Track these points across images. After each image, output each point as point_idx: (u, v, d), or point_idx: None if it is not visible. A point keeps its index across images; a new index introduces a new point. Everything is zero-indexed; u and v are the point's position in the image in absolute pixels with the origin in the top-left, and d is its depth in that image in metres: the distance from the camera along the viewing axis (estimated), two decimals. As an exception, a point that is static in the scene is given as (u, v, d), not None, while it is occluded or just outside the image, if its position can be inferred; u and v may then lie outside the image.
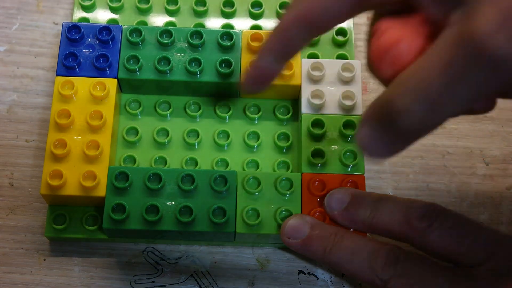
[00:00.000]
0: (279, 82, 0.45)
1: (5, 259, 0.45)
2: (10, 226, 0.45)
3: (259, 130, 0.46)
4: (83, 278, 0.44)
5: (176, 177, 0.42)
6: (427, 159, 0.48)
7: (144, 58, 0.45)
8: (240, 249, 0.45)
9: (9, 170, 0.47)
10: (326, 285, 0.44)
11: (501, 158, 0.48)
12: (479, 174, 0.48)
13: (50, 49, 0.50)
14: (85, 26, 0.45)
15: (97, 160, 0.43)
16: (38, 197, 0.46)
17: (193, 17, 0.49)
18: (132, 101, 0.46)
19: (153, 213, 0.42)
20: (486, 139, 0.49)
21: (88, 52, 0.45)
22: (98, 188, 0.42)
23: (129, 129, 0.46)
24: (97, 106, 0.44)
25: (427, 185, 0.47)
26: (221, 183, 0.43)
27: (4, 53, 0.50)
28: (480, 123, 0.49)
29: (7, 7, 0.51)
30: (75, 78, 0.44)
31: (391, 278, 0.39)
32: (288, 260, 0.45)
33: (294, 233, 0.41)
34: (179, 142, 0.46)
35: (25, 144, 0.47)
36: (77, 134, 0.43)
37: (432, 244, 0.39)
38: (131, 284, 0.44)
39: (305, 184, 0.43)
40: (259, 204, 0.42)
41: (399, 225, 0.40)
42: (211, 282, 0.44)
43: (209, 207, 0.42)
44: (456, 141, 0.49)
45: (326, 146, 0.44)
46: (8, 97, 0.49)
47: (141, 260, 0.45)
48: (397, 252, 0.39)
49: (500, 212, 0.47)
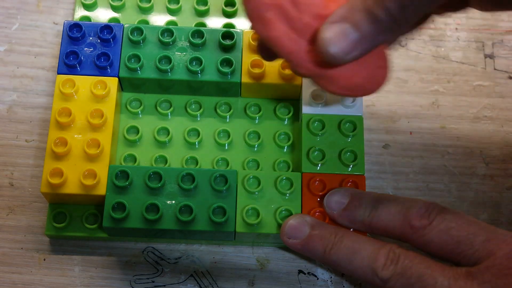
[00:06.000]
0: (280, 81, 0.45)
1: (5, 259, 0.45)
2: (10, 226, 0.45)
3: (259, 129, 0.46)
4: (83, 278, 0.44)
5: (177, 176, 0.42)
6: (427, 159, 0.48)
7: (145, 57, 0.45)
8: (240, 248, 0.45)
9: (9, 170, 0.47)
10: (326, 285, 0.44)
11: (501, 158, 0.48)
12: (479, 174, 0.48)
13: (50, 49, 0.50)
14: (87, 24, 0.45)
15: (97, 158, 0.43)
16: (38, 197, 0.46)
17: (194, 16, 0.49)
18: (133, 100, 0.46)
19: (153, 212, 0.42)
20: (486, 139, 0.49)
21: (89, 50, 0.45)
22: (98, 186, 0.42)
23: (130, 128, 0.46)
24: (98, 104, 0.44)
25: (427, 185, 0.47)
26: (221, 182, 0.43)
27: (4, 53, 0.50)
28: (480, 123, 0.49)
29: (7, 7, 0.51)
30: (76, 77, 0.44)
31: (391, 278, 0.39)
32: (288, 260, 0.45)
33: (294, 233, 0.41)
34: (180, 141, 0.46)
35: (25, 144, 0.47)
36: (77, 132, 0.43)
37: (432, 243, 0.39)
38: (131, 284, 0.44)
39: (305, 183, 0.43)
40: (259, 203, 0.42)
41: (399, 225, 0.40)
42: (211, 282, 0.44)
43: (209, 206, 0.42)
44: (456, 141, 0.49)
45: (327, 146, 0.44)
46: (8, 97, 0.49)
47: (141, 260, 0.45)
48: (397, 252, 0.39)
49: (500, 212, 0.47)
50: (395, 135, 0.49)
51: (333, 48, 0.33)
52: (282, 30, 0.35)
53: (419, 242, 0.40)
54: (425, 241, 0.39)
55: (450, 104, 0.50)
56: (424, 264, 0.39)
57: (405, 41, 0.52)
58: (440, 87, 0.50)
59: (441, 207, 0.40)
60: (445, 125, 0.49)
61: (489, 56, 0.51)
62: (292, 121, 0.47)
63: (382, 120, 0.49)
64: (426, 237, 0.39)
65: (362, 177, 0.43)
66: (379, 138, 0.49)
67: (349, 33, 0.33)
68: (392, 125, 0.49)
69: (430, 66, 0.51)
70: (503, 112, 0.50)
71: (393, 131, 0.49)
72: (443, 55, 0.51)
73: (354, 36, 0.33)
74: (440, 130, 0.49)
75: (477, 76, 0.51)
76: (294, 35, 0.35)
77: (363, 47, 0.34)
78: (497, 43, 0.52)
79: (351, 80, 0.36)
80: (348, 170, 0.43)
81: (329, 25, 0.34)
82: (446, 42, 0.52)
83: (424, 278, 0.38)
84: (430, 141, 0.49)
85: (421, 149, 0.48)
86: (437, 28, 0.52)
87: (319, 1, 0.35)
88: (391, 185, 0.47)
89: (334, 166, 0.43)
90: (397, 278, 0.39)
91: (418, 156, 0.48)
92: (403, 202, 0.40)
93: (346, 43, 0.33)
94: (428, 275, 0.38)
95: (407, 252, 0.39)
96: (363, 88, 0.37)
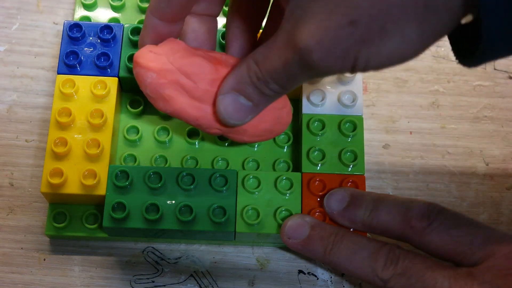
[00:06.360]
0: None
1: (5, 259, 0.45)
2: (10, 226, 0.45)
3: (259, 129, 0.46)
4: (83, 278, 0.44)
5: (177, 176, 0.42)
6: (427, 159, 0.48)
7: (145, 57, 0.45)
8: (240, 248, 0.45)
9: (9, 170, 0.47)
10: (326, 285, 0.44)
11: (501, 158, 0.48)
12: (479, 174, 0.48)
13: (50, 49, 0.50)
14: (87, 24, 0.45)
15: (97, 158, 0.43)
16: (38, 197, 0.46)
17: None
18: (133, 100, 0.46)
19: (153, 212, 0.42)
20: (486, 139, 0.49)
21: (90, 50, 0.45)
22: (98, 186, 0.42)
23: (130, 128, 0.46)
24: (98, 104, 0.44)
25: (427, 185, 0.47)
26: (221, 182, 0.43)
27: (4, 53, 0.50)
28: (480, 123, 0.49)
29: (7, 7, 0.51)
30: (76, 77, 0.44)
31: (391, 278, 0.39)
32: (288, 260, 0.45)
33: (294, 233, 0.41)
34: (180, 141, 0.46)
35: (25, 144, 0.47)
36: (78, 132, 0.43)
37: (432, 243, 0.39)
38: (131, 284, 0.44)
39: (305, 183, 0.43)
40: (259, 203, 0.42)
41: (399, 225, 0.40)
42: (211, 282, 0.44)
43: (209, 206, 0.42)
44: (456, 141, 0.49)
45: (326, 146, 0.44)
46: (8, 97, 0.49)
47: (141, 260, 0.45)
48: (397, 252, 0.39)
49: (500, 212, 0.47)
50: (395, 135, 0.49)
51: (231, 118, 0.37)
52: (185, 102, 0.37)
53: (419, 242, 0.40)
54: (425, 241, 0.40)
55: (450, 104, 0.50)
56: (424, 264, 0.39)
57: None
58: (440, 87, 0.50)
59: (441, 207, 0.40)
60: (445, 125, 0.49)
61: (489, 56, 0.51)
62: (292, 121, 0.47)
63: (382, 120, 0.49)
64: (426, 237, 0.39)
65: (362, 177, 0.43)
66: (379, 138, 0.49)
67: (243, 103, 0.37)
68: (392, 125, 0.49)
69: (430, 66, 0.51)
70: (503, 112, 0.50)
71: (393, 131, 0.49)
72: (443, 55, 0.51)
73: (248, 105, 0.37)
74: (440, 130, 0.49)
75: (477, 76, 0.51)
76: (196, 103, 0.38)
77: (258, 110, 0.37)
78: (497, 43, 0.52)
79: (258, 128, 0.40)
80: (348, 170, 0.43)
81: (223, 96, 0.37)
82: (446, 42, 0.51)
83: (424, 278, 0.38)
84: (430, 141, 0.49)
85: (421, 149, 0.48)
86: (437, 28, 0.52)
87: (208, 67, 0.38)
88: (391, 185, 0.47)
89: (334, 166, 0.43)
90: (397, 278, 0.39)
91: (418, 156, 0.48)
92: (403, 202, 0.40)
93: (242, 112, 0.37)
94: (428, 275, 0.38)
95: (407, 252, 0.39)
96: (271, 131, 0.41)
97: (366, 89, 0.50)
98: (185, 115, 0.38)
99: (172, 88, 0.37)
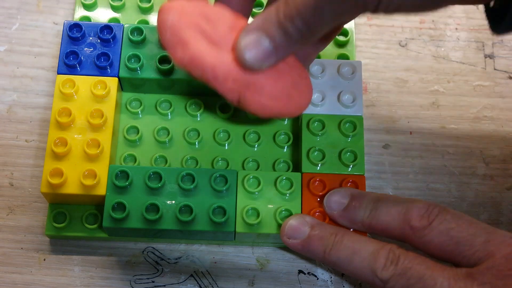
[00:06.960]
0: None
1: (5, 259, 0.45)
2: (10, 226, 0.45)
3: (259, 129, 0.46)
4: (83, 278, 0.44)
5: (177, 176, 0.42)
6: (427, 159, 0.48)
7: (145, 57, 0.45)
8: (240, 248, 0.45)
9: (9, 170, 0.47)
10: (326, 285, 0.44)
11: (501, 158, 0.48)
12: (479, 174, 0.48)
13: (50, 49, 0.50)
14: (87, 24, 0.45)
15: (97, 158, 0.43)
16: (38, 197, 0.46)
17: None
18: (133, 100, 0.46)
19: (153, 212, 0.42)
20: (486, 139, 0.49)
21: (89, 50, 0.45)
22: (98, 186, 0.42)
23: (130, 128, 0.46)
24: (98, 104, 0.44)
25: (427, 185, 0.47)
26: (221, 182, 0.43)
27: (4, 53, 0.50)
28: (480, 123, 0.49)
29: (7, 7, 0.51)
30: (76, 77, 0.44)
31: (391, 278, 0.39)
32: (288, 260, 0.45)
33: (294, 233, 0.41)
34: (180, 141, 0.46)
35: (25, 144, 0.47)
36: (77, 132, 0.43)
37: (432, 244, 0.39)
38: (131, 284, 0.44)
39: (305, 183, 0.43)
40: (259, 203, 0.42)
41: (399, 225, 0.40)
42: (211, 282, 0.44)
43: (209, 206, 0.42)
44: (456, 141, 0.49)
45: (326, 146, 0.44)
46: (8, 97, 0.49)
47: (141, 260, 0.45)
48: (397, 252, 0.39)
49: (500, 212, 0.47)
50: (395, 135, 0.49)
51: (249, 54, 0.37)
52: (202, 48, 0.37)
53: (419, 243, 0.40)
54: (425, 242, 0.39)
55: (450, 104, 0.50)
56: (424, 264, 0.39)
57: (405, 41, 0.52)
58: (440, 87, 0.50)
59: (441, 207, 0.40)
60: (445, 125, 0.49)
61: (489, 56, 0.51)
62: (292, 121, 0.47)
63: (382, 120, 0.49)
64: (426, 237, 0.39)
65: (362, 177, 0.43)
66: (379, 138, 0.49)
67: (264, 42, 0.36)
68: (392, 125, 0.49)
69: (430, 66, 0.51)
70: (503, 112, 0.50)
71: (393, 131, 0.49)
72: (443, 55, 0.51)
73: (269, 45, 0.36)
74: (440, 130, 0.49)
75: (477, 76, 0.51)
76: (214, 50, 0.37)
77: (278, 56, 0.37)
78: (497, 43, 0.52)
79: (276, 85, 0.38)
80: (348, 170, 0.43)
81: (246, 33, 0.37)
82: (446, 42, 0.52)
83: (424, 278, 0.38)
84: (430, 141, 0.49)
85: (421, 149, 0.48)
86: (437, 28, 0.52)
87: (229, 15, 0.38)
88: (391, 185, 0.47)
89: (334, 166, 0.43)
90: (397, 279, 0.39)
91: (418, 156, 0.48)
92: (403, 203, 0.40)
93: (261, 52, 0.36)
94: (428, 276, 0.38)
95: (407, 252, 0.39)
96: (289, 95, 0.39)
97: (366, 89, 0.50)
98: (201, 63, 0.37)
99: (192, 30, 0.37)
